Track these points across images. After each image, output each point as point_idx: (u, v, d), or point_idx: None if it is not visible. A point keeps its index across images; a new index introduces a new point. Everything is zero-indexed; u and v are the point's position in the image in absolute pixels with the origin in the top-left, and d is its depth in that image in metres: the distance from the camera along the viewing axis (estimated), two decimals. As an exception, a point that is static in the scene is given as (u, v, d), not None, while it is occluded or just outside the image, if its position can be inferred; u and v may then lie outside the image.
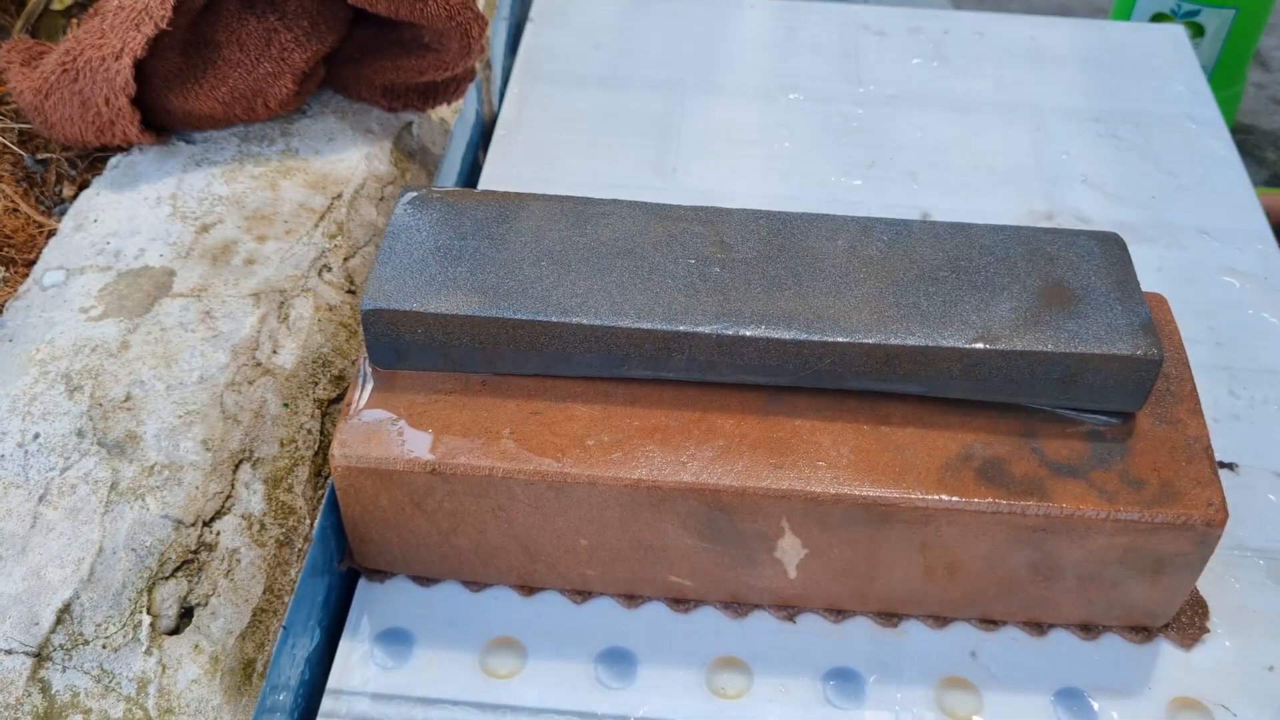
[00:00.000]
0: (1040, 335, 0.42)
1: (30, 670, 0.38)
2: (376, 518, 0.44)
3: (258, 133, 0.57)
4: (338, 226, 0.54)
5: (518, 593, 0.46)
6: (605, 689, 0.44)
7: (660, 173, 0.65)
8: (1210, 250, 0.61)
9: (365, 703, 0.43)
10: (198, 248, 0.51)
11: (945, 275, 0.44)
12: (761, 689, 0.44)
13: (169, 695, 0.38)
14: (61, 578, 0.39)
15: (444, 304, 0.42)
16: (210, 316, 0.48)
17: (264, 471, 0.44)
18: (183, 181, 0.54)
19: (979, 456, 0.42)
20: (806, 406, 0.43)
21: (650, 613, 0.46)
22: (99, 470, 0.42)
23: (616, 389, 0.44)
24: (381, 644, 0.45)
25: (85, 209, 0.53)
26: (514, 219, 0.46)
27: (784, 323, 0.42)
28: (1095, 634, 0.45)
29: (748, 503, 0.41)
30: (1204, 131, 0.69)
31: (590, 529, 0.43)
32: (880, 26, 0.75)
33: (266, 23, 0.55)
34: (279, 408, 0.46)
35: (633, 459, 0.42)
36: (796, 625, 0.45)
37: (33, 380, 0.44)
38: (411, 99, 0.60)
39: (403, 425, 0.42)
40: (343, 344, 0.50)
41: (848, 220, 0.46)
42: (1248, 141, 1.74)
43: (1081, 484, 0.41)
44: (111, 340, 0.46)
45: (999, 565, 0.43)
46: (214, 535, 0.42)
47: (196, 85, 0.54)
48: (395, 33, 0.59)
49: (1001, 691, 0.44)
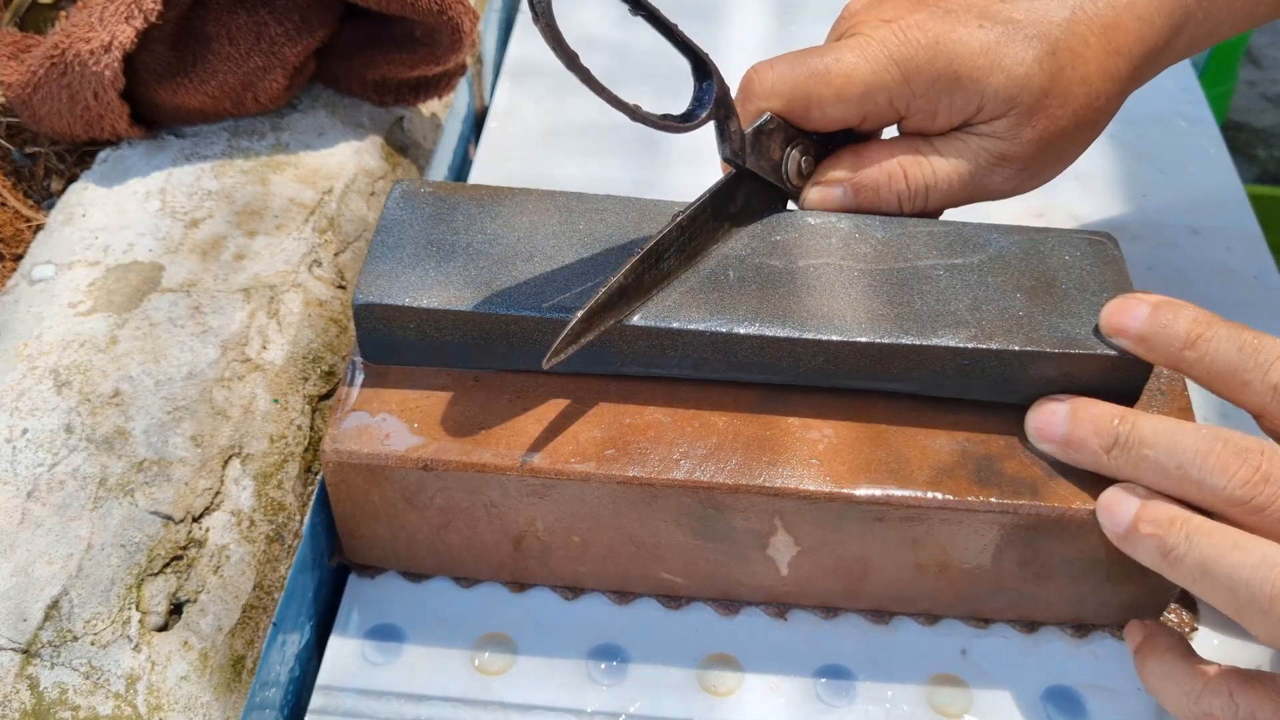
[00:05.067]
0: (1033, 335, 0.42)
1: (18, 667, 0.37)
2: (367, 513, 0.44)
3: (248, 127, 0.57)
4: (328, 221, 0.53)
5: (509, 589, 0.46)
6: (596, 685, 0.43)
7: (653, 169, 0.65)
8: (1201, 248, 0.62)
9: (355, 699, 0.43)
10: (187, 242, 0.50)
11: (939, 274, 0.44)
12: (753, 686, 0.44)
13: (158, 692, 0.38)
14: (50, 574, 0.39)
15: (436, 299, 0.42)
16: (200, 312, 0.47)
17: (254, 467, 0.44)
18: (172, 176, 0.54)
19: (971, 455, 0.42)
20: (800, 404, 0.43)
21: (642, 609, 0.46)
22: (87, 466, 0.42)
23: (609, 385, 0.44)
24: (372, 640, 0.44)
25: (74, 203, 0.52)
26: (507, 214, 0.45)
27: (777, 321, 0.42)
28: (1086, 632, 0.45)
29: (740, 500, 0.41)
30: (1194, 129, 0.69)
31: (582, 525, 0.43)
32: None
33: (257, 16, 0.55)
34: (269, 404, 0.46)
35: (625, 456, 0.41)
36: (788, 622, 0.45)
37: (20, 375, 0.44)
38: (403, 93, 0.60)
39: (394, 421, 0.42)
40: (333, 339, 0.50)
41: (841, 218, 0.46)
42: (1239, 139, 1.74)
43: (1073, 484, 0.41)
44: (100, 335, 0.46)
45: (990, 563, 0.43)
46: (203, 531, 0.42)
47: (186, 79, 0.54)
48: (386, 27, 0.58)
49: (992, 689, 0.44)
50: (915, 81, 0.45)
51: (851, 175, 0.47)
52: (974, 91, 0.45)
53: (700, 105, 0.42)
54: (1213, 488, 0.38)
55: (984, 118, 0.46)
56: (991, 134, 0.46)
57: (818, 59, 0.45)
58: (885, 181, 0.47)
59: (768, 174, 0.46)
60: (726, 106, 0.42)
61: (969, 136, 0.46)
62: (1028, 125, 0.45)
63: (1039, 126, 0.45)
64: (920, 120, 0.46)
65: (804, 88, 0.45)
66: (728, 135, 0.43)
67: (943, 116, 0.46)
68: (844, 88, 0.45)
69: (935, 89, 0.45)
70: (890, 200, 0.47)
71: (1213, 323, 0.40)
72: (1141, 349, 0.41)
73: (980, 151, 0.46)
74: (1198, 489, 0.38)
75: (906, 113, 0.46)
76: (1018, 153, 0.46)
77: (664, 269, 0.43)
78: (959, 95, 0.45)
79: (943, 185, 0.47)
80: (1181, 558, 0.38)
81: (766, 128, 0.45)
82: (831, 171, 0.47)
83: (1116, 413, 0.40)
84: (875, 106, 0.45)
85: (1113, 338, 0.41)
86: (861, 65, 0.45)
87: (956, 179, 0.46)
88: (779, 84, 0.45)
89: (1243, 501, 0.37)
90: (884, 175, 0.47)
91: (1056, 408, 0.41)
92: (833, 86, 0.45)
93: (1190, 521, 0.38)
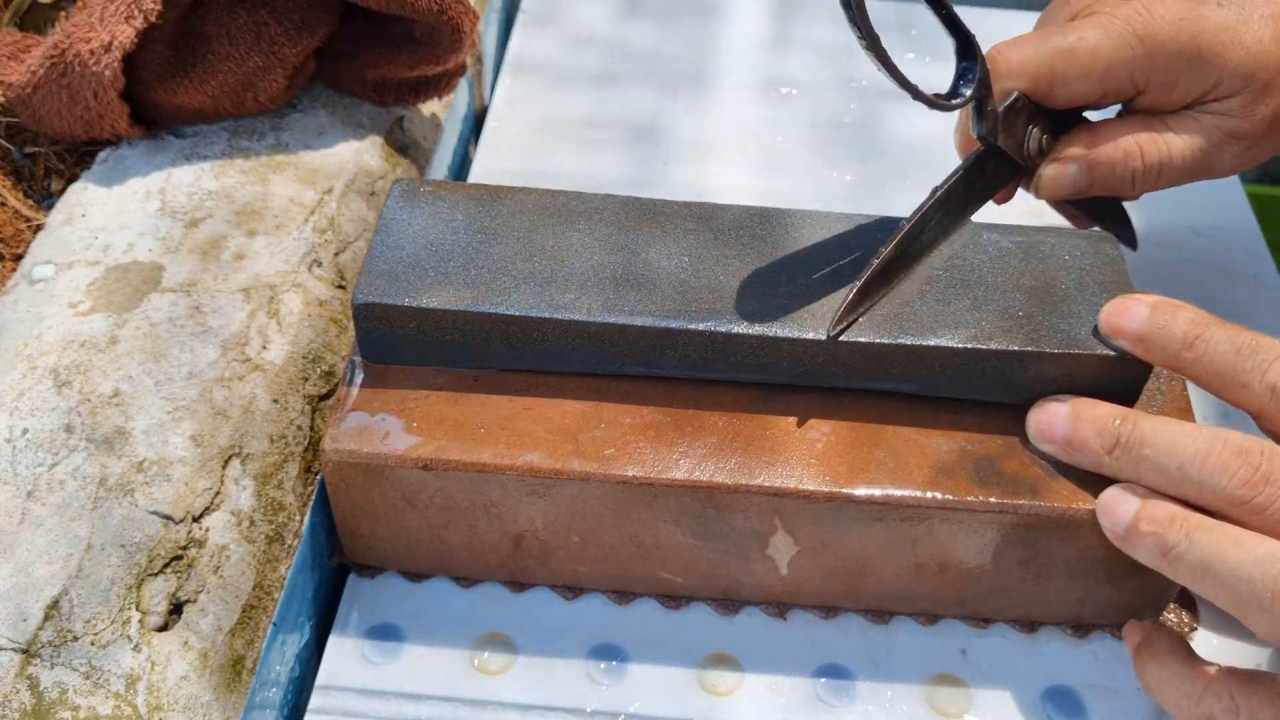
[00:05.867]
0: (1033, 335, 0.42)
1: (18, 667, 0.37)
2: (367, 513, 0.44)
3: (248, 127, 0.57)
4: (328, 221, 0.53)
5: (508, 589, 0.46)
6: (596, 685, 0.43)
7: (652, 168, 0.65)
8: (1201, 248, 0.62)
9: (355, 698, 0.43)
10: (187, 242, 0.50)
11: (938, 274, 0.44)
12: (752, 686, 0.44)
13: (158, 692, 0.38)
14: (50, 574, 0.39)
15: (436, 299, 0.42)
16: (200, 312, 0.47)
17: (254, 467, 0.44)
18: (172, 176, 0.54)
19: (971, 455, 0.42)
20: (799, 404, 0.43)
21: (641, 609, 0.46)
22: (88, 466, 0.42)
23: (609, 385, 0.44)
24: (371, 640, 0.44)
25: (74, 203, 0.52)
26: (506, 214, 0.45)
27: (777, 320, 0.42)
28: (1086, 632, 0.45)
29: (740, 500, 0.41)
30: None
31: (582, 525, 0.43)
32: (874, 22, 0.75)
33: (257, 16, 0.55)
34: (269, 404, 0.46)
35: (625, 455, 0.41)
36: (787, 622, 0.45)
37: (20, 375, 0.44)
38: (402, 93, 0.60)
39: (394, 420, 0.42)
40: (333, 340, 0.50)
41: (840, 217, 0.46)
42: (1237, 139, 1.73)
43: (1073, 483, 0.41)
44: (100, 335, 0.46)
45: (990, 563, 0.43)
46: (203, 531, 0.42)
47: (186, 79, 0.54)
48: (386, 27, 0.58)
49: (992, 689, 0.44)
50: (1158, 56, 0.45)
51: (1087, 152, 0.48)
52: (1215, 67, 0.45)
53: (965, 83, 0.43)
54: (1213, 488, 0.38)
55: (1219, 94, 0.46)
56: (1225, 111, 0.47)
57: (1061, 37, 0.46)
58: (1121, 159, 0.47)
59: (1013, 151, 0.47)
60: (986, 86, 0.44)
61: (1201, 115, 0.47)
62: (1262, 102, 0.46)
63: (1273, 103, 0.46)
64: (1156, 96, 0.47)
65: (1049, 65, 0.46)
66: (984, 113, 0.44)
67: (1179, 92, 0.47)
68: (1089, 64, 0.46)
69: (1177, 64, 0.45)
70: (1124, 178, 0.48)
71: (1211, 323, 0.40)
72: (1140, 349, 0.41)
73: (1213, 129, 0.47)
74: (1198, 489, 0.38)
75: (1145, 88, 0.47)
76: (1250, 129, 0.47)
77: (924, 241, 0.44)
78: (1199, 70, 0.46)
79: (1177, 162, 0.47)
80: (1182, 556, 0.38)
81: (1015, 106, 0.46)
82: (1068, 149, 0.48)
83: (1117, 413, 0.40)
84: (1116, 82, 0.46)
85: (1111, 338, 0.41)
86: (1106, 42, 0.45)
87: (1190, 156, 0.47)
88: (1026, 62, 0.46)
89: (1243, 501, 0.37)
90: (1120, 152, 0.47)
91: (1058, 408, 0.41)
92: (1078, 63, 0.46)
93: (1190, 520, 0.38)
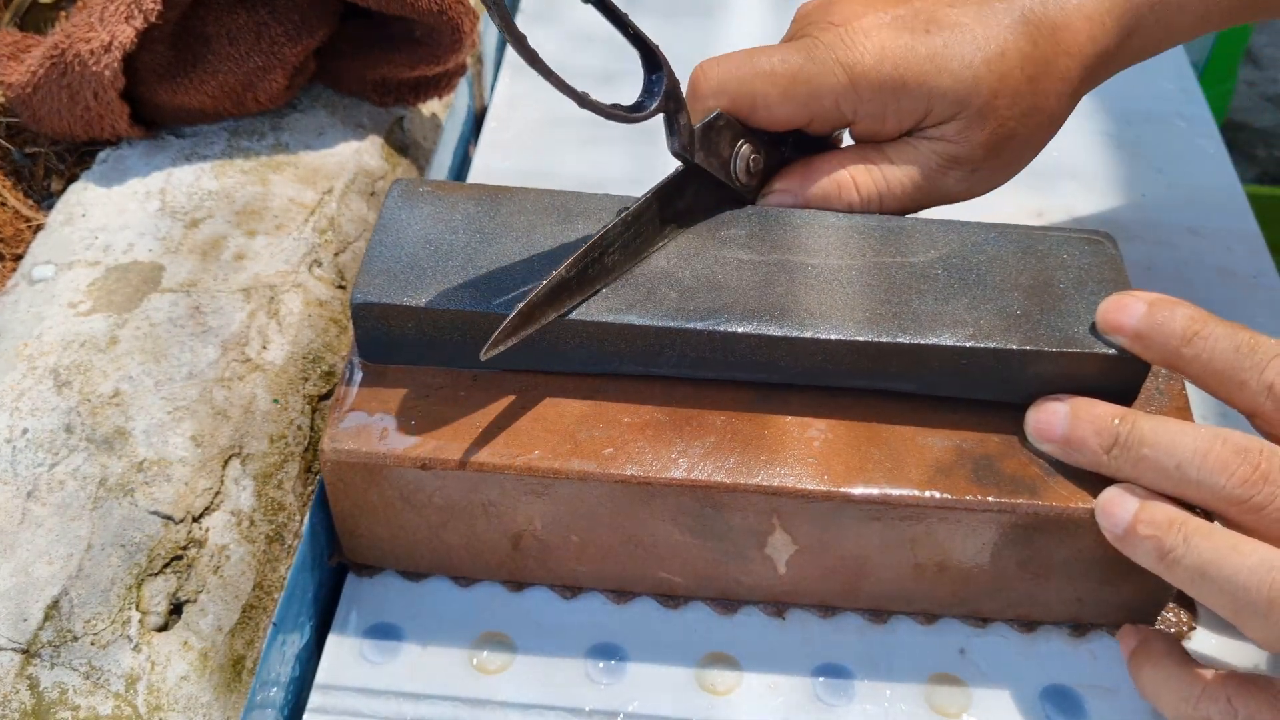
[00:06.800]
0: (1031, 334, 0.42)
1: (18, 667, 0.37)
2: (366, 513, 0.44)
3: (248, 127, 0.57)
4: (328, 221, 0.53)
5: (507, 588, 0.46)
6: (595, 684, 0.44)
7: (652, 167, 0.65)
8: (1201, 248, 0.62)
9: (354, 698, 0.43)
10: (187, 242, 0.50)
11: (936, 273, 0.44)
12: (751, 685, 0.44)
13: (158, 692, 0.38)
14: (50, 574, 0.39)
15: (435, 299, 0.42)
16: (200, 312, 0.47)
17: (254, 468, 0.44)
18: (172, 176, 0.54)
19: (969, 454, 0.42)
20: (798, 404, 0.43)
21: (640, 609, 0.46)
22: (87, 466, 0.42)
23: (607, 385, 0.44)
24: (371, 639, 0.45)
25: (74, 203, 0.52)
26: (505, 213, 0.45)
27: (775, 320, 0.42)
28: (1084, 632, 0.45)
29: (738, 499, 0.41)
30: (1193, 129, 0.69)
31: (580, 525, 0.43)
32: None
33: (257, 16, 0.55)
34: (269, 404, 0.46)
35: (624, 455, 0.41)
36: (786, 622, 0.46)
37: (20, 375, 0.44)
38: (403, 93, 0.60)
39: (393, 420, 0.42)
40: (333, 340, 0.50)
41: (839, 217, 0.46)
42: (1238, 139, 1.74)
43: (1071, 483, 0.41)
44: (100, 335, 0.46)
45: (989, 563, 0.43)
46: (203, 531, 0.42)
47: (186, 79, 0.54)
48: (386, 27, 0.58)
49: (991, 688, 0.44)
50: (862, 87, 0.44)
51: (801, 187, 0.47)
52: (922, 95, 0.45)
53: (650, 96, 0.41)
54: (1211, 487, 0.38)
55: (933, 121, 0.46)
56: (941, 137, 0.46)
57: (765, 59, 0.45)
58: (835, 192, 0.47)
59: (717, 171, 0.45)
60: (676, 100, 0.42)
61: (919, 142, 0.46)
62: (978, 127, 0.45)
63: (989, 128, 0.45)
64: (869, 125, 0.46)
65: (749, 86, 0.45)
66: (677, 129, 0.43)
67: (892, 121, 0.46)
68: (789, 88, 0.45)
69: (882, 94, 0.45)
70: (841, 210, 0.47)
71: (1209, 320, 0.40)
72: (1138, 346, 0.41)
73: (932, 155, 0.46)
74: (1196, 488, 0.38)
75: (855, 117, 0.46)
76: (969, 155, 0.46)
77: (607, 264, 0.42)
78: (906, 100, 0.45)
79: (895, 191, 0.47)
80: (1179, 560, 0.38)
81: (716, 124, 0.45)
82: (780, 183, 0.47)
83: (1116, 413, 0.40)
84: (822, 109, 0.45)
85: (1109, 334, 0.41)
86: (808, 67, 0.44)
87: (910, 184, 0.47)
88: (726, 81, 0.45)
89: (1241, 500, 0.37)
90: (834, 186, 0.47)
91: (1056, 407, 0.41)
92: (778, 87, 0.45)
93: (1188, 524, 0.38)
